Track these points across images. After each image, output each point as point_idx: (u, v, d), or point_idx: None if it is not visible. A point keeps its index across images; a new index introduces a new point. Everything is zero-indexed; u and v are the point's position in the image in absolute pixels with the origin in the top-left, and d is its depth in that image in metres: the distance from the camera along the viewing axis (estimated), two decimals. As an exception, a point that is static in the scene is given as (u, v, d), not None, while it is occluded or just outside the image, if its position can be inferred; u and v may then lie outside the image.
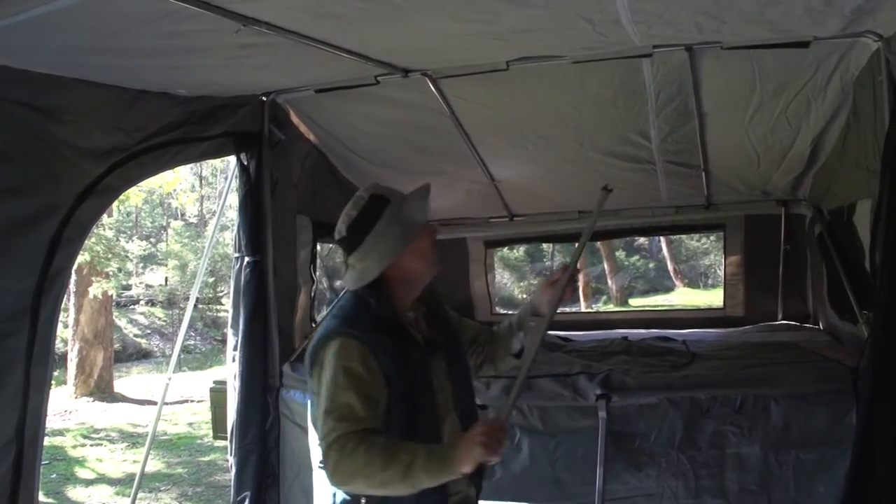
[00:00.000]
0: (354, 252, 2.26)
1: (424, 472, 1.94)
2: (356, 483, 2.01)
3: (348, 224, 2.27)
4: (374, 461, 1.94)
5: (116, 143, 3.45)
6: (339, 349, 2.10)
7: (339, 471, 1.98)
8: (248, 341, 4.27)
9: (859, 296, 4.06)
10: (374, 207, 2.25)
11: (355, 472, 1.96)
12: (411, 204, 2.31)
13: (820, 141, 4.24)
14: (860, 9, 2.71)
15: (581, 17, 2.86)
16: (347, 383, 2.05)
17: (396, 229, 2.22)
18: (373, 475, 1.95)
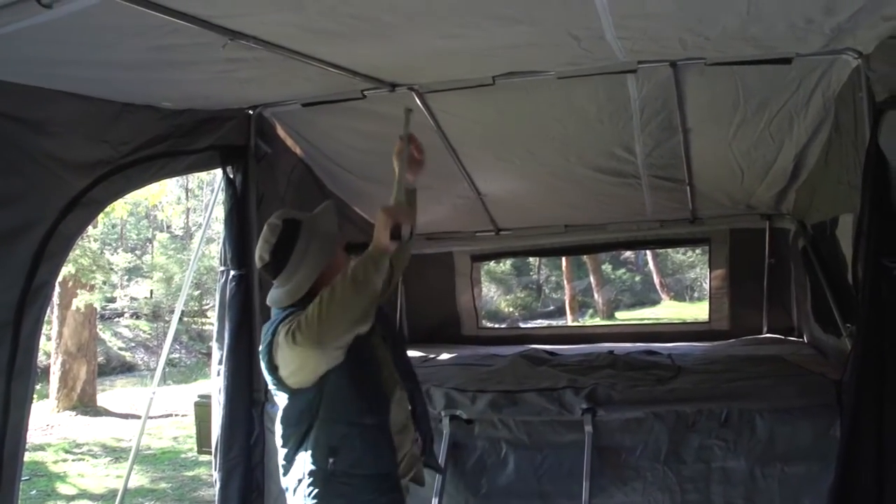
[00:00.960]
0: (280, 274, 2.51)
1: (371, 264, 2.30)
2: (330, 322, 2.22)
3: (270, 250, 2.51)
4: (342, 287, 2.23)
5: (101, 156, 3.43)
6: (292, 320, 2.31)
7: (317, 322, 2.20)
8: (233, 355, 4.24)
9: (842, 309, 4.08)
10: (290, 230, 2.51)
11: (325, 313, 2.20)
12: (322, 219, 2.61)
13: (802, 156, 4.28)
14: (840, 27, 2.75)
15: (566, 34, 2.89)
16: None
17: (316, 244, 2.51)
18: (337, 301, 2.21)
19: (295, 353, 2.28)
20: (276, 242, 2.49)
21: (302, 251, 2.48)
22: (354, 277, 2.26)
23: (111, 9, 2.24)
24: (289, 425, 2.51)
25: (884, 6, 2.48)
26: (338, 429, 2.42)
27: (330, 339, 2.25)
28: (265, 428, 4.29)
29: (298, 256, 2.48)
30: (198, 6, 2.40)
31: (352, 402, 2.43)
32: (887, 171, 2.75)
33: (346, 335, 2.29)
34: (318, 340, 2.22)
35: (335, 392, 2.40)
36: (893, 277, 2.73)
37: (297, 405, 2.45)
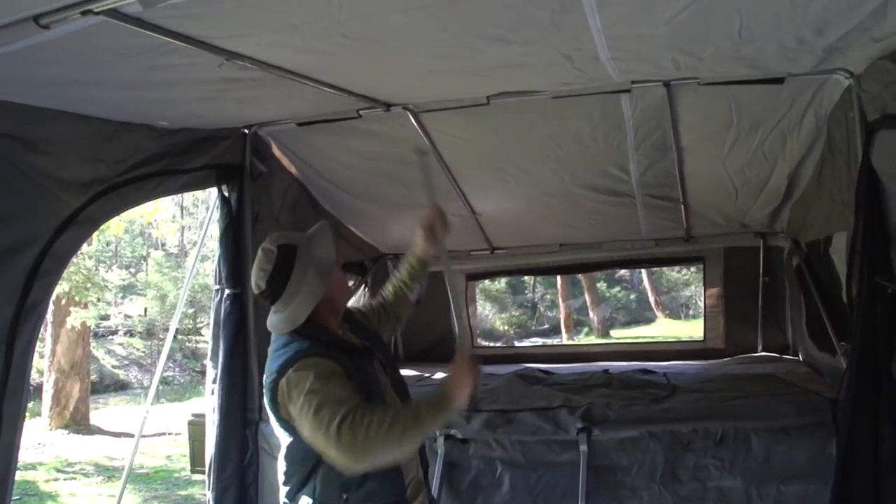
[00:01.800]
0: (278, 301, 2.44)
1: (430, 415, 2.22)
2: (373, 451, 2.13)
3: (266, 279, 2.44)
4: (386, 422, 2.12)
5: (97, 175, 3.44)
6: (302, 368, 2.27)
7: (356, 445, 2.10)
8: (227, 374, 4.23)
9: (837, 327, 4.09)
10: (285, 257, 2.44)
11: (372, 439, 2.10)
12: (318, 243, 2.54)
13: (796, 174, 4.30)
14: (831, 47, 2.78)
15: (560, 54, 2.91)
16: (324, 382, 2.22)
17: (312, 271, 2.43)
18: (389, 435, 2.12)
19: (323, 441, 2.17)
20: (271, 270, 2.43)
21: (299, 278, 2.41)
22: (423, 425, 2.22)
23: (109, 29, 2.25)
24: (293, 462, 2.43)
25: (873, 28, 2.51)
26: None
27: (368, 465, 2.18)
28: (259, 447, 4.28)
29: (295, 284, 2.41)
30: (195, 27, 2.42)
31: None
32: (880, 189, 2.76)
33: (381, 465, 2.22)
34: (360, 461, 2.15)
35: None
36: (887, 296, 2.73)
37: (302, 443, 2.34)
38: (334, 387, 2.22)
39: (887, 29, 2.48)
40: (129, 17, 2.22)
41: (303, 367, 2.27)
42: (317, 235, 2.60)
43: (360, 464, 2.16)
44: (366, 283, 6.31)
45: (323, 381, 2.22)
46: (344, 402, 2.16)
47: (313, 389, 2.20)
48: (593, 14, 2.39)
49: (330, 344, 2.39)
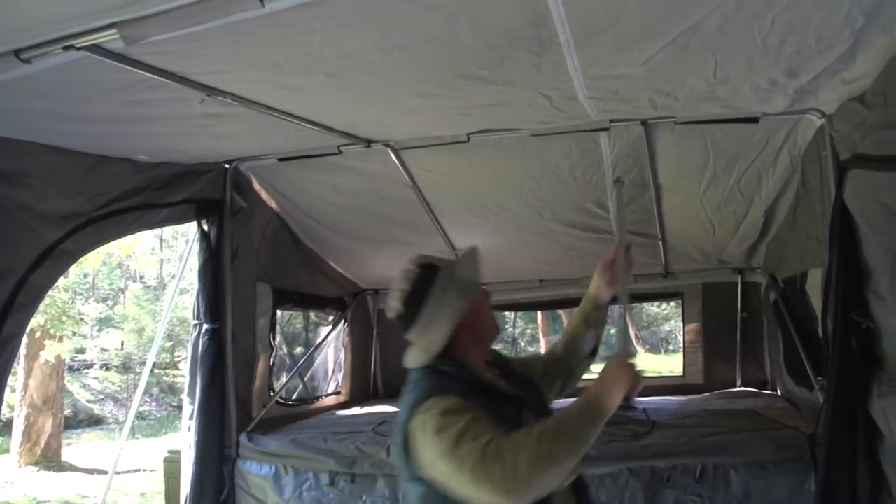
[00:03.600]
0: (414, 326, 2.18)
1: (582, 421, 1.94)
2: (528, 476, 1.81)
3: (403, 299, 2.19)
4: (534, 438, 1.84)
5: (75, 208, 3.42)
6: (432, 406, 1.98)
7: (507, 474, 1.80)
8: (204, 410, 4.18)
9: (814, 363, 4.12)
10: (426, 276, 2.19)
11: (523, 462, 1.80)
12: (463, 265, 2.28)
13: (772, 212, 4.36)
14: (803, 89, 2.84)
15: (539, 94, 2.95)
16: (458, 417, 1.92)
17: (453, 293, 2.17)
18: (541, 452, 1.83)
19: (469, 481, 1.86)
20: (409, 290, 2.18)
21: (438, 299, 2.15)
22: (573, 432, 1.92)
23: (91, 65, 2.26)
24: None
25: (843, 71, 2.57)
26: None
27: (528, 496, 1.86)
28: (236, 485, 4.22)
29: (433, 305, 2.15)
30: (177, 63, 2.43)
31: None
32: (853, 227, 2.80)
33: (544, 492, 1.90)
34: (517, 494, 1.83)
35: None
36: (862, 332, 2.75)
37: (436, 496, 2.01)
38: (470, 421, 1.90)
39: (856, 72, 2.54)
40: (112, 52, 2.23)
41: (433, 406, 1.97)
42: (463, 258, 2.36)
43: (517, 496, 1.84)
44: (345, 319, 6.28)
45: (457, 416, 1.92)
46: (483, 433, 1.86)
47: (445, 426, 1.91)
48: (571, 55, 2.43)
49: (469, 382, 2.09)
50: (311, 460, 4.14)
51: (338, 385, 6.22)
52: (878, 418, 2.60)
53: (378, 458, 4.01)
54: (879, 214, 2.52)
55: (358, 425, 4.74)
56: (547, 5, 2.02)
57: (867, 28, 2.19)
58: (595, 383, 2.08)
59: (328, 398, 6.01)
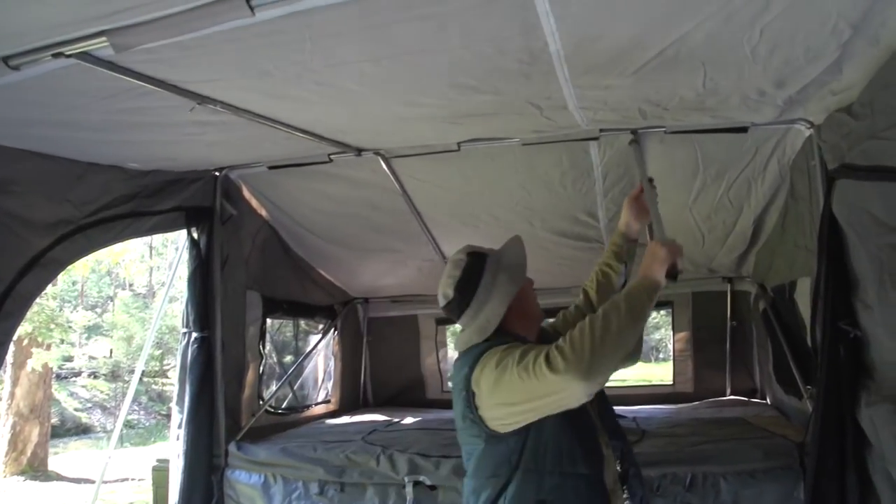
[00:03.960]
0: (467, 310, 2.31)
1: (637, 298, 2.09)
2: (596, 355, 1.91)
3: (454, 285, 2.33)
4: (595, 321, 1.97)
5: (64, 216, 3.41)
6: (492, 354, 2.12)
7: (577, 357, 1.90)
8: (193, 419, 4.16)
9: (803, 371, 4.13)
10: (475, 262, 2.34)
11: (588, 344, 1.92)
12: (510, 251, 2.42)
13: (761, 221, 4.38)
14: (792, 99, 2.86)
15: (529, 103, 2.96)
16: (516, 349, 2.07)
17: (504, 275, 2.31)
18: (605, 330, 1.95)
19: (541, 383, 1.94)
20: (460, 276, 2.32)
21: (489, 283, 2.29)
22: (631, 307, 2.05)
23: (80, 72, 2.26)
24: (481, 477, 2.20)
25: (830, 81, 2.59)
26: (548, 480, 2.09)
27: (599, 373, 1.93)
28: (225, 494, 4.20)
29: (485, 289, 2.29)
30: (167, 71, 2.43)
31: (566, 449, 2.12)
32: (841, 236, 2.82)
33: (615, 370, 2.01)
34: (588, 371, 1.89)
35: (547, 438, 2.11)
36: (850, 341, 2.76)
37: (494, 454, 2.15)
38: (528, 347, 2.06)
39: (843, 83, 2.56)
40: (101, 60, 2.23)
41: (492, 355, 2.11)
42: (508, 245, 2.50)
43: (591, 375, 1.91)
44: (335, 327, 6.27)
45: (514, 349, 2.06)
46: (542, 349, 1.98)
47: (504, 356, 2.05)
48: (561, 65, 2.44)
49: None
50: (300, 469, 4.12)
51: (327, 394, 6.21)
52: (867, 427, 2.61)
53: (368, 466, 3.99)
54: (866, 224, 2.54)
55: (348, 434, 4.72)
56: (537, 16, 2.03)
57: (853, 40, 2.21)
58: (642, 265, 2.27)
59: (318, 407, 5.99)
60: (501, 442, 2.14)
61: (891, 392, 2.47)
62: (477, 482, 2.22)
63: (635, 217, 2.86)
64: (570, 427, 2.13)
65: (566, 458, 2.11)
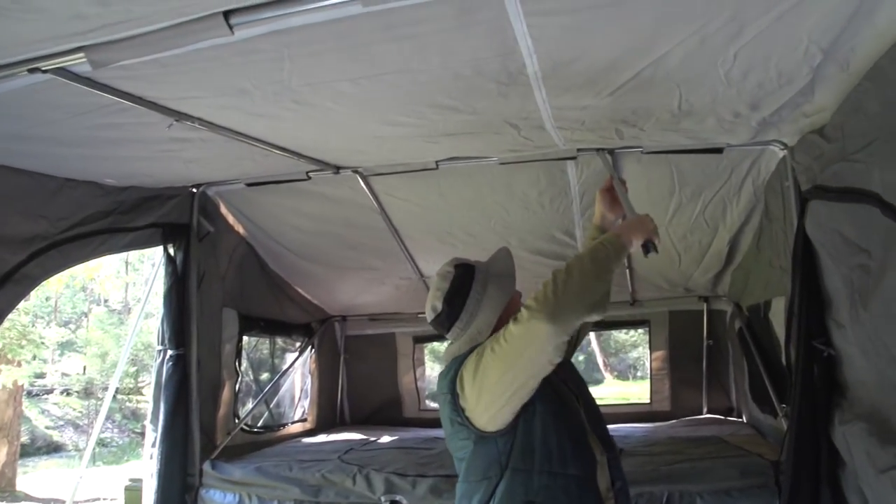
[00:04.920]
0: (456, 322, 2.30)
1: (605, 251, 2.17)
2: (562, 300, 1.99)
3: (443, 297, 2.31)
4: (560, 272, 2.04)
5: (38, 231, 3.38)
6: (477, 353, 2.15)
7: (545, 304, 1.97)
8: (167, 438, 4.11)
9: (778, 390, 4.16)
10: (464, 274, 2.33)
11: (554, 291, 1.98)
12: (498, 261, 2.44)
13: (736, 241, 4.42)
14: (766, 121, 2.90)
15: (507, 123, 2.98)
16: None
17: (493, 286, 2.32)
18: (569, 277, 2.02)
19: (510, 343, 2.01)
20: (448, 288, 2.31)
21: (479, 294, 2.29)
22: (594, 259, 2.12)
23: (56, 87, 2.24)
24: (471, 480, 2.19)
25: (803, 104, 2.63)
26: (537, 480, 2.08)
27: (564, 316, 1.97)
28: (198, 514, 4.15)
29: (475, 300, 2.29)
30: (145, 88, 2.42)
31: (555, 448, 2.11)
32: (815, 256, 2.86)
33: (580, 319, 2.02)
34: (552, 314, 1.94)
35: (536, 436, 2.11)
36: (824, 359, 2.79)
37: (484, 455, 2.15)
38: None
39: (816, 105, 2.61)
40: (78, 76, 2.22)
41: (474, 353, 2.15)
42: (496, 256, 2.51)
43: (556, 318, 1.96)
44: (312, 345, 6.24)
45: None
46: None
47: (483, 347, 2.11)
48: (539, 86, 2.47)
49: None
50: (275, 489, 4.09)
51: (304, 412, 6.16)
52: (840, 445, 2.63)
53: (343, 486, 3.96)
54: (838, 244, 2.58)
55: (324, 453, 4.69)
56: (515, 38, 2.05)
57: (825, 64, 2.26)
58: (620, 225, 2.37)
59: (294, 425, 5.95)
60: (490, 443, 2.14)
61: (863, 410, 2.50)
62: (468, 485, 2.21)
63: (608, 208, 2.87)
64: (559, 427, 2.14)
65: (555, 457, 2.11)
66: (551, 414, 2.12)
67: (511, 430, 2.11)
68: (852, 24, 1.99)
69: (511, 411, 2.10)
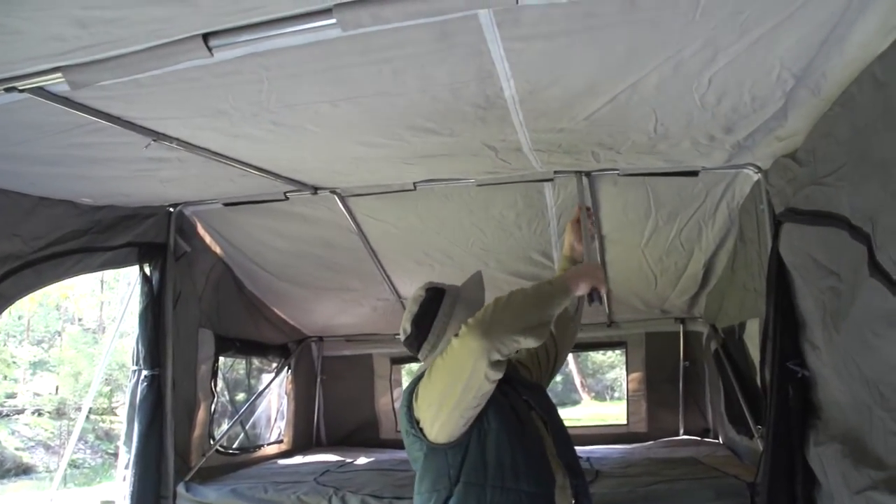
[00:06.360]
0: (424, 344, 2.39)
1: (550, 288, 2.27)
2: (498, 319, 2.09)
3: (412, 319, 2.40)
4: (504, 297, 2.15)
5: (11, 251, 3.34)
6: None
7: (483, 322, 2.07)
8: (141, 459, 4.05)
9: (753, 411, 4.18)
10: (433, 297, 2.41)
11: (494, 312, 2.10)
12: (469, 285, 2.50)
13: (711, 263, 4.47)
14: (740, 144, 2.95)
15: (485, 145, 3.00)
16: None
17: (461, 307, 2.38)
18: (510, 302, 2.13)
19: (450, 355, 2.11)
20: (417, 311, 2.40)
21: (446, 316, 2.37)
22: (537, 293, 2.23)
23: (33, 106, 2.23)
24: (422, 492, 2.24)
25: (777, 128, 2.67)
26: (490, 494, 2.12)
27: (497, 335, 2.05)
28: (171, 538, 4.09)
29: (441, 322, 2.37)
30: (122, 108, 2.41)
31: (508, 464, 2.15)
32: (788, 279, 2.89)
33: (512, 339, 2.08)
34: (486, 331, 2.04)
35: (489, 452, 2.15)
36: (799, 380, 2.82)
37: (434, 467, 2.20)
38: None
39: (789, 129, 2.65)
40: (56, 95, 2.21)
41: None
42: (468, 280, 2.58)
43: (489, 335, 2.05)
44: (289, 366, 6.20)
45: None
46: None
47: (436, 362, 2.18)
48: (516, 109, 2.49)
49: None
50: (251, 511, 4.04)
51: (280, 433, 6.11)
52: (815, 466, 2.66)
53: (320, 508, 3.93)
54: (810, 267, 2.61)
55: (300, 475, 4.65)
56: (492, 62, 2.07)
57: (797, 89, 2.30)
58: (569, 271, 2.42)
59: (270, 446, 5.89)
60: (440, 454, 2.18)
61: (838, 431, 2.52)
62: (419, 497, 2.27)
63: (578, 240, 3.02)
64: (514, 444, 2.18)
65: (508, 473, 2.15)
66: (506, 432, 2.18)
67: (461, 444, 2.16)
68: (823, 51, 2.04)
69: (458, 424, 2.14)
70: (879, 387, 2.10)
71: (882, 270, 1.94)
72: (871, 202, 2.04)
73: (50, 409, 19.87)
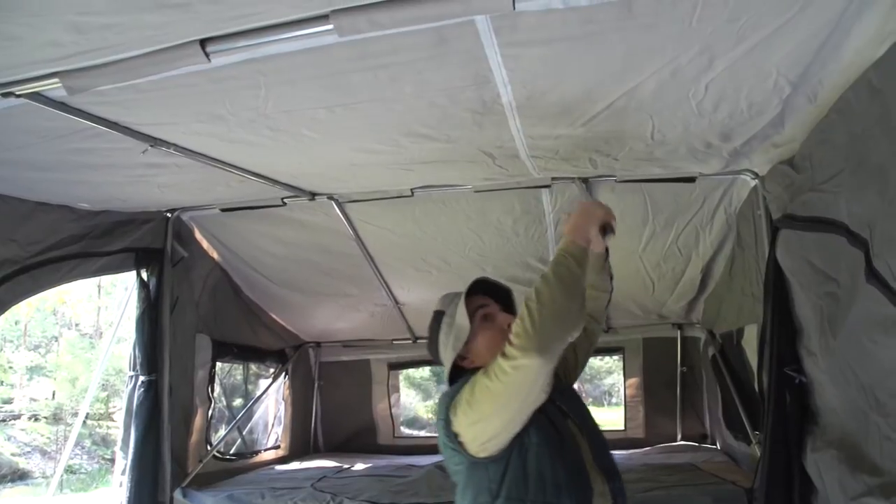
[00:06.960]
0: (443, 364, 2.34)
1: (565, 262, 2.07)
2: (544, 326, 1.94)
3: (428, 346, 2.40)
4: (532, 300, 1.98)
5: (8, 256, 3.34)
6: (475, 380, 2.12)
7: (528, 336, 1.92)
8: (137, 465, 4.04)
9: (751, 417, 4.18)
10: (434, 322, 2.37)
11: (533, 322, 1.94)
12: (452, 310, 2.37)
13: (709, 269, 4.47)
14: (737, 151, 2.96)
15: (482, 152, 3.01)
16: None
17: (451, 336, 2.30)
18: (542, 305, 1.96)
19: (501, 379, 1.98)
20: (429, 335, 2.39)
21: (444, 344, 2.32)
22: (559, 277, 2.04)
23: (30, 111, 2.23)
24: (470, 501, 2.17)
25: (773, 135, 2.68)
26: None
27: (550, 345, 1.95)
28: (169, 544, 4.08)
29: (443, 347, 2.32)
30: (120, 113, 2.41)
31: (549, 479, 2.08)
32: (786, 284, 2.89)
33: (564, 342, 2.01)
34: (540, 346, 1.92)
35: (530, 466, 2.08)
36: (796, 386, 2.82)
37: (475, 481, 2.13)
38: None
39: (786, 136, 2.66)
40: (53, 101, 2.21)
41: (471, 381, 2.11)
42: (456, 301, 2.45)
43: (546, 350, 1.94)
44: (286, 372, 6.19)
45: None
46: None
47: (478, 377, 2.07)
48: (513, 116, 2.49)
49: None
50: (247, 517, 4.04)
51: (277, 439, 6.09)
52: (812, 472, 2.65)
53: (316, 514, 3.92)
54: (808, 273, 2.61)
55: (297, 481, 4.63)
56: (489, 68, 2.08)
57: (794, 96, 2.31)
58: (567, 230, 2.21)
59: (267, 452, 5.88)
60: (480, 468, 2.13)
61: (834, 437, 2.52)
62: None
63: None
64: (553, 457, 2.12)
65: (550, 488, 2.09)
66: (547, 446, 2.11)
67: (503, 458, 2.10)
68: (819, 58, 2.04)
69: (504, 440, 2.09)
70: (875, 392, 2.10)
71: (879, 277, 1.94)
72: (868, 208, 2.04)
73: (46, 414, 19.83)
